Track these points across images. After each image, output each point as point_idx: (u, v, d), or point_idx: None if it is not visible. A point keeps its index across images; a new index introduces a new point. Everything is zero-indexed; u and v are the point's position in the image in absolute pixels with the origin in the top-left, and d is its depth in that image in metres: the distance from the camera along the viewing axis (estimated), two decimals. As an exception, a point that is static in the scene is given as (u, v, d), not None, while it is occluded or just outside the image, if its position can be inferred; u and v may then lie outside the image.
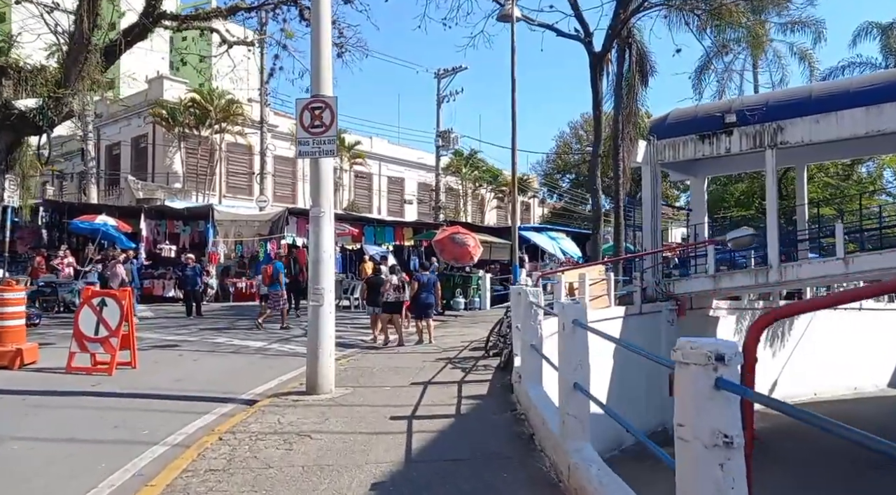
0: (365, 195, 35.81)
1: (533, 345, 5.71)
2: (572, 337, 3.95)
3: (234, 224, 22.03)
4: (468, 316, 15.77)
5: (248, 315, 16.57)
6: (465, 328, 13.40)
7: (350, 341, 12.23)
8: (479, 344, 10.89)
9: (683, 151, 18.72)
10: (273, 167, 30.74)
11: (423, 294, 11.77)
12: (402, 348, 11.10)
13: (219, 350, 10.72)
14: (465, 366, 8.83)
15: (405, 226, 25.43)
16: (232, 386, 7.90)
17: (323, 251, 7.19)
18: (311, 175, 7.41)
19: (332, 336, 7.25)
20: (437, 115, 28.01)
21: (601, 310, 14.33)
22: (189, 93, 27.25)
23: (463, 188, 35.69)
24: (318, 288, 7.14)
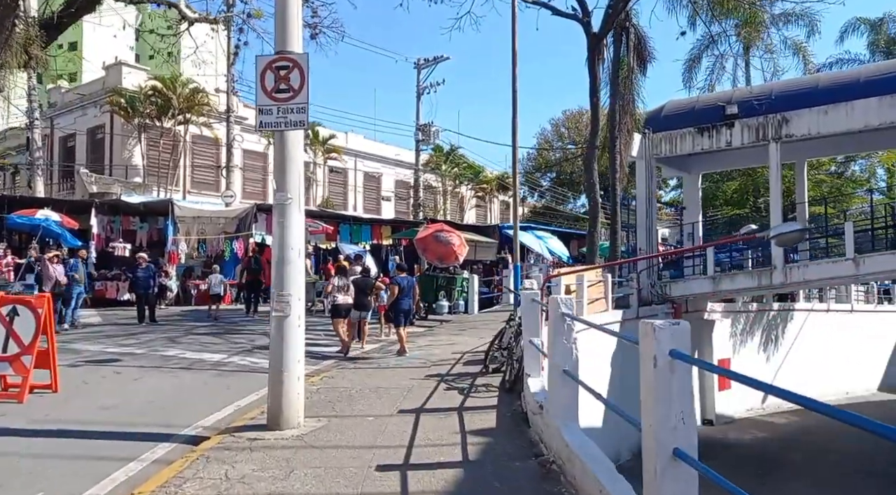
0: (340, 192, 34.14)
1: (567, 371, 4.30)
2: (669, 376, 2.55)
3: (197, 221, 20.27)
4: (455, 321, 14.35)
5: (208, 320, 14.90)
6: (453, 336, 11.98)
7: (325, 352, 10.73)
8: (473, 356, 9.48)
9: (680, 145, 17.59)
10: (242, 161, 28.91)
11: (403, 299, 10.46)
12: (385, 361, 9.63)
13: (168, 365, 9.11)
14: (461, 386, 7.40)
15: (383, 224, 23.91)
16: (175, 415, 6.36)
17: (290, 248, 5.69)
18: (276, 153, 5.90)
19: (302, 357, 5.76)
20: (416, 107, 26.58)
21: (600, 315, 13.18)
22: (150, 80, 25.29)
23: (443, 185, 34.24)
24: (283, 295, 5.65)
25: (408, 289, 10.68)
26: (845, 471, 14.28)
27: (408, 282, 10.80)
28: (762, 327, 20.42)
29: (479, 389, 7.20)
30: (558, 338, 4.45)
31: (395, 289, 10.49)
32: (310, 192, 30.67)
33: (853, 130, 15.09)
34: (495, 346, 8.02)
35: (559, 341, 4.44)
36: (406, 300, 10.61)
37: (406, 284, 10.66)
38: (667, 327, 2.64)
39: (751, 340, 20.06)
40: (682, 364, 2.62)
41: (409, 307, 10.71)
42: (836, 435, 17.17)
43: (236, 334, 12.53)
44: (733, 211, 24.27)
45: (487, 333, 11.82)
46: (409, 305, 10.71)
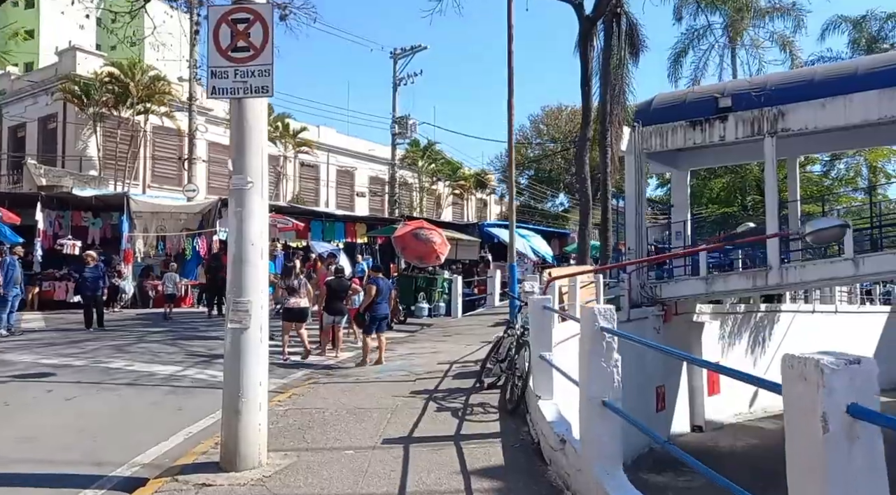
0: (312, 188, 32.77)
1: (608, 404, 3.29)
2: (848, 447, 1.56)
3: (156, 216, 18.81)
4: (437, 325, 13.29)
5: (164, 325, 13.57)
6: (437, 342, 10.93)
7: (295, 361, 9.60)
8: (463, 367, 8.45)
9: (671, 139, 16.84)
10: (207, 154, 27.40)
11: (380, 303, 9.41)
12: (363, 373, 8.52)
13: (111, 380, 7.86)
14: (453, 406, 6.36)
15: (358, 222, 22.72)
16: (110, 447, 5.20)
17: (250, 244, 4.58)
18: (234, 127, 4.77)
19: (265, 379, 4.65)
20: (392, 98, 25.43)
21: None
22: (106, 66, 23.63)
23: (419, 182, 33.12)
24: (241, 302, 4.53)
25: (386, 292, 9.64)
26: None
27: (386, 285, 9.75)
28: (750, 329, 19.89)
29: (475, 410, 6.17)
30: (595, 360, 3.44)
31: (373, 291, 9.42)
32: (279, 187, 29.28)
33: (851, 125, 14.51)
34: (492, 358, 6.99)
35: (596, 364, 3.43)
36: (383, 305, 9.55)
37: (384, 287, 9.60)
38: (842, 370, 1.64)
39: (739, 342, 19.51)
40: (868, 427, 1.62)
41: (386, 313, 9.65)
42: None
43: (194, 341, 11.27)
44: (721, 209, 23.69)
45: (474, 340, 10.82)
46: (386, 311, 9.65)
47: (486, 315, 14.23)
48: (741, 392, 19.55)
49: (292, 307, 9.91)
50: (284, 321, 10.16)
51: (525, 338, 6.21)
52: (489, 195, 40.29)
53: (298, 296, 9.92)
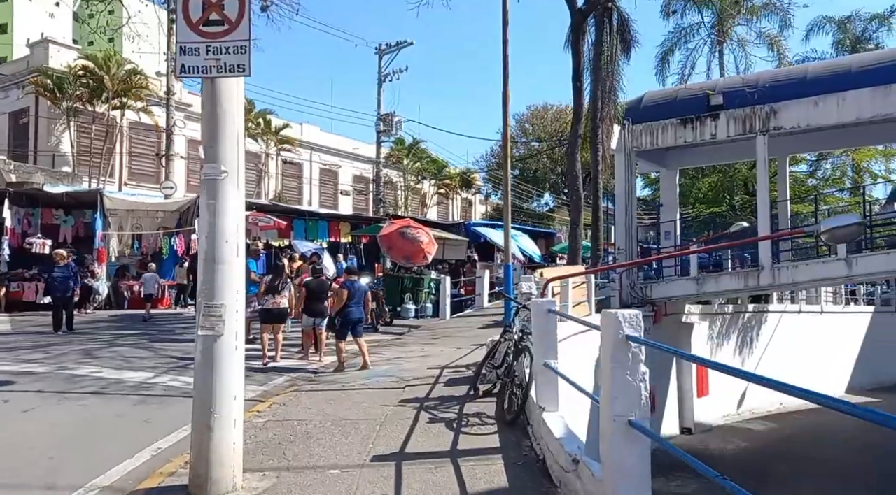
0: (294, 186, 32.13)
1: (635, 423, 2.86)
2: None
3: (131, 214, 18.11)
4: (425, 327, 12.81)
5: (140, 327, 12.94)
6: (425, 345, 10.47)
7: (276, 365, 9.09)
8: (455, 372, 8.00)
9: (662, 137, 16.56)
10: (186, 151, 26.66)
11: (352, 306, 8.97)
12: (349, 380, 8.04)
13: (76, 388, 7.29)
14: (447, 416, 5.91)
15: (342, 220, 22.17)
16: (68, 467, 4.68)
17: (223, 241, 4.09)
18: (206, 110, 4.26)
19: (240, 392, 4.16)
20: (377, 95, 24.88)
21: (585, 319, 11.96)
22: (80, 59, 22.80)
23: (405, 181, 32.59)
24: (213, 306, 4.04)
25: (358, 296, 9.17)
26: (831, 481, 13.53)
27: (360, 289, 9.31)
28: (738, 329, 19.73)
29: (472, 421, 5.72)
30: (620, 374, 3.00)
31: (344, 295, 8.95)
32: (261, 186, 28.60)
33: (844, 123, 14.34)
34: (487, 364, 6.55)
35: (621, 379, 3.00)
36: (357, 309, 9.07)
37: (357, 290, 9.17)
38: None
39: (727, 343, 19.32)
40: None
41: (359, 317, 9.15)
42: (813, 442, 16.53)
43: (169, 344, 10.69)
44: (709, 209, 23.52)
45: (464, 343, 10.39)
46: (359, 315, 9.15)
47: (476, 316, 13.81)
48: (729, 393, 19.39)
49: (271, 308, 9.45)
50: (263, 322, 9.68)
51: (524, 342, 5.79)
52: (474, 194, 39.90)
53: (279, 297, 9.44)
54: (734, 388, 19.46)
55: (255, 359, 9.39)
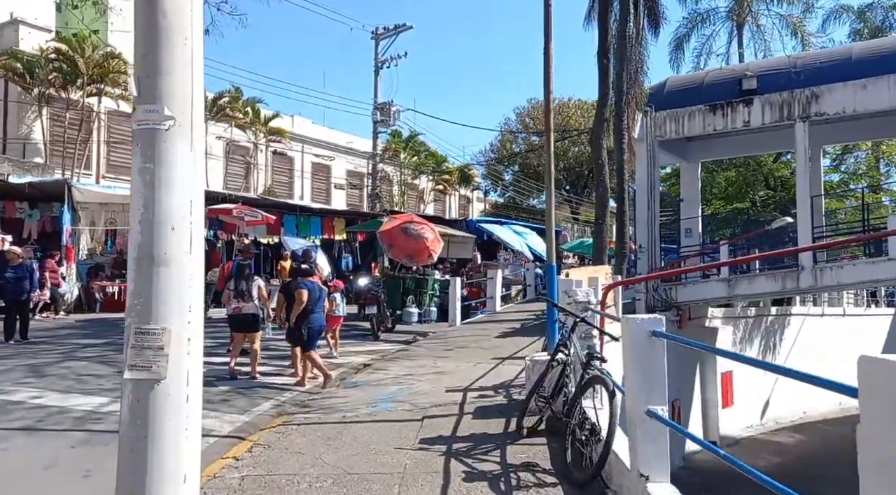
0: (285, 181, 30.50)
1: None
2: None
3: (105, 208, 16.50)
4: (434, 336, 11.28)
5: (107, 336, 11.35)
6: (438, 359, 8.96)
7: (263, 381, 7.58)
8: (481, 396, 6.50)
9: (688, 125, 15.16)
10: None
11: (315, 312, 7.79)
12: (352, 406, 6.51)
13: (5, 419, 5.73)
14: (487, 468, 4.40)
15: (336, 216, 20.62)
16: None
17: (168, 229, 2.57)
18: (139, 20, 2.72)
19: (194, 470, 2.63)
20: (374, 83, 23.33)
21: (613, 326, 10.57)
22: (52, 42, 21.09)
23: (401, 176, 31.01)
24: (149, 331, 2.52)
25: (318, 298, 7.82)
26: None
27: (318, 291, 7.93)
28: (761, 333, 18.48)
29: (523, 479, 4.21)
30: None
31: (304, 296, 7.59)
32: (249, 179, 26.97)
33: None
34: (537, 396, 5.04)
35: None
36: (319, 314, 7.81)
37: (315, 291, 7.79)
38: None
39: (750, 349, 18.02)
40: None
41: (321, 324, 7.90)
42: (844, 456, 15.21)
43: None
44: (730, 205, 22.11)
45: (482, 356, 8.90)
46: (320, 322, 7.89)
47: (490, 323, 12.31)
48: (754, 403, 18.22)
49: (234, 314, 8.06)
50: (233, 332, 8.23)
51: (591, 370, 4.31)
52: (473, 191, 38.40)
53: (243, 301, 7.96)
54: (758, 397, 18.25)
55: (225, 379, 7.89)
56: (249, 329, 8.12)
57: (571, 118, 35.49)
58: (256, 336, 8.14)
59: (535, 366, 5.45)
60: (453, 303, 11.81)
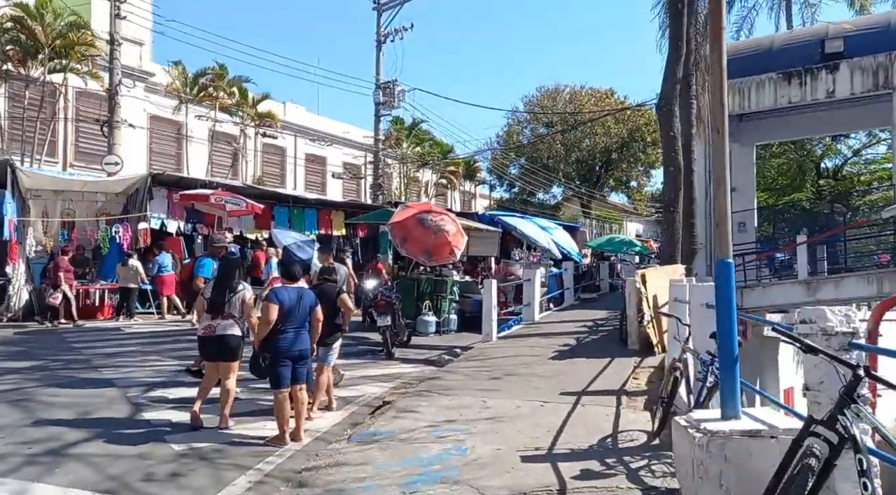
0: (277, 173, 27.96)
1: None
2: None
3: (60, 196, 13.94)
4: (468, 355, 8.75)
5: (42, 356, 8.78)
6: (485, 393, 6.46)
7: (239, 437, 5.09)
8: (590, 478, 4.03)
9: (756, 97, 12.79)
10: (148, 127, 22.46)
11: (287, 331, 5.23)
12: (368, 478, 4.03)
13: None
14: None
15: (335, 208, 18.09)
16: None
17: None
18: None
19: None
20: (376, 60, 20.80)
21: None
22: (5, 7, 18.42)
23: (403, 168, 28.48)
24: None
25: (300, 313, 5.27)
26: None
27: (305, 300, 5.35)
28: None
29: None
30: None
31: (271, 312, 5.08)
32: (237, 169, 24.40)
33: None
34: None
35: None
36: (296, 334, 5.23)
37: (292, 301, 5.23)
38: None
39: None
40: None
41: (299, 349, 5.24)
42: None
43: (65, 392, 6.62)
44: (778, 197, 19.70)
45: (545, 390, 6.43)
46: (301, 345, 5.26)
47: (532, 336, 9.82)
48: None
49: (206, 335, 5.59)
50: (205, 360, 5.78)
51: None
52: (478, 185, 35.93)
53: (221, 318, 5.51)
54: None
55: (211, 410, 5.46)
56: (226, 356, 5.61)
57: (585, 106, 33.13)
58: (232, 368, 5.64)
59: (730, 446, 2.99)
60: (489, 312, 9.31)
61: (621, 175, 37.18)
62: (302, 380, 5.39)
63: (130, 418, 5.82)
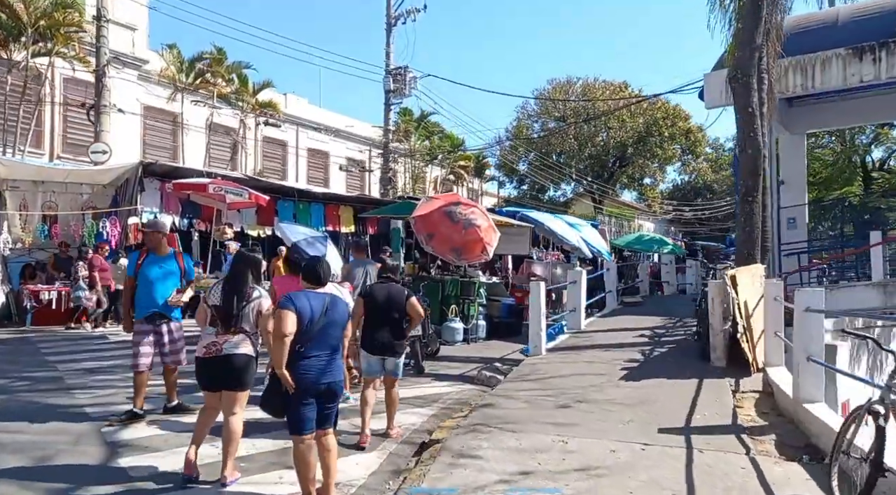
0: (278, 169, 26.53)
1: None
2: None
3: (40, 188, 12.54)
4: (516, 374, 7.28)
5: (5, 370, 7.36)
6: (559, 430, 5.04)
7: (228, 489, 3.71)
8: None
9: (822, 76, 11.41)
10: (142, 114, 21.00)
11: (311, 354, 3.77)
12: None
13: None
14: None
15: (343, 203, 16.69)
16: None
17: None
18: None
19: None
20: (386, 43, 19.38)
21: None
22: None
23: (411, 162, 27.06)
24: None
25: (332, 328, 3.83)
26: None
27: (330, 311, 3.83)
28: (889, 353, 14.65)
29: None
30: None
31: (285, 323, 3.62)
32: (236, 162, 22.96)
33: None
34: None
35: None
36: (330, 362, 3.80)
37: (315, 313, 3.75)
38: None
39: (878, 374, 14.27)
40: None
41: (332, 383, 3.77)
42: None
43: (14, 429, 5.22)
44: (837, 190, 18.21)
45: (636, 423, 5.00)
46: (332, 379, 3.77)
47: (585, 349, 8.37)
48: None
49: (206, 356, 4.17)
50: (203, 389, 4.32)
51: None
52: (486, 182, 34.51)
53: (230, 333, 4.17)
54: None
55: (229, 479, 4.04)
56: (232, 383, 4.21)
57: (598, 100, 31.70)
58: (239, 399, 4.24)
59: None
60: (537, 319, 7.85)
61: (635, 171, 35.82)
62: (331, 422, 3.99)
63: (103, 465, 4.41)
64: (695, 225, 41.55)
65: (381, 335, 5.08)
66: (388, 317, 5.10)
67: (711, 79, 11.93)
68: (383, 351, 5.10)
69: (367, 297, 5.20)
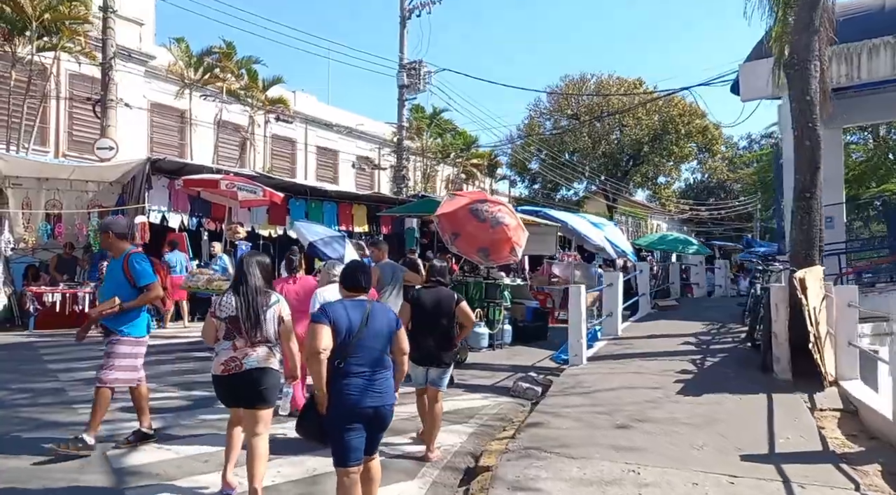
0: (286, 168, 25.99)
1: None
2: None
3: (43, 185, 12.02)
4: (561, 387, 6.61)
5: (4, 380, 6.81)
6: (624, 456, 4.42)
7: None
8: None
9: (868, 66, 10.82)
10: (149, 111, 20.51)
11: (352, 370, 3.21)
12: None
13: None
14: None
15: (357, 202, 16.12)
16: None
17: None
18: None
19: None
20: (400, 37, 18.81)
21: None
22: (-9, -24, 16.46)
23: (423, 162, 26.45)
24: None
25: (375, 340, 3.30)
26: None
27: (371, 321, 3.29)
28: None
29: None
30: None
31: (320, 337, 3.11)
32: (244, 160, 22.43)
33: None
34: None
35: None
36: (375, 379, 3.24)
37: (354, 324, 3.23)
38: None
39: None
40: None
41: (379, 407, 3.21)
42: None
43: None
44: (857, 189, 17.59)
45: (711, 449, 4.32)
46: (379, 402, 3.21)
47: (628, 357, 7.74)
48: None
49: (225, 374, 3.64)
50: (229, 407, 3.84)
51: None
52: (498, 181, 33.87)
53: (248, 343, 3.63)
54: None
55: None
56: (256, 401, 3.64)
57: (612, 97, 31.04)
58: (264, 418, 3.67)
59: None
60: (577, 326, 7.22)
61: (649, 170, 35.12)
62: (376, 448, 3.41)
63: (110, 499, 3.84)
64: (708, 224, 40.81)
65: (428, 343, 4.62)
66: (437, 323, 4.66)
67: (749, 69, 11.31)
68: (430, 361, 4.66)
69: (415, 303, 4.74)
